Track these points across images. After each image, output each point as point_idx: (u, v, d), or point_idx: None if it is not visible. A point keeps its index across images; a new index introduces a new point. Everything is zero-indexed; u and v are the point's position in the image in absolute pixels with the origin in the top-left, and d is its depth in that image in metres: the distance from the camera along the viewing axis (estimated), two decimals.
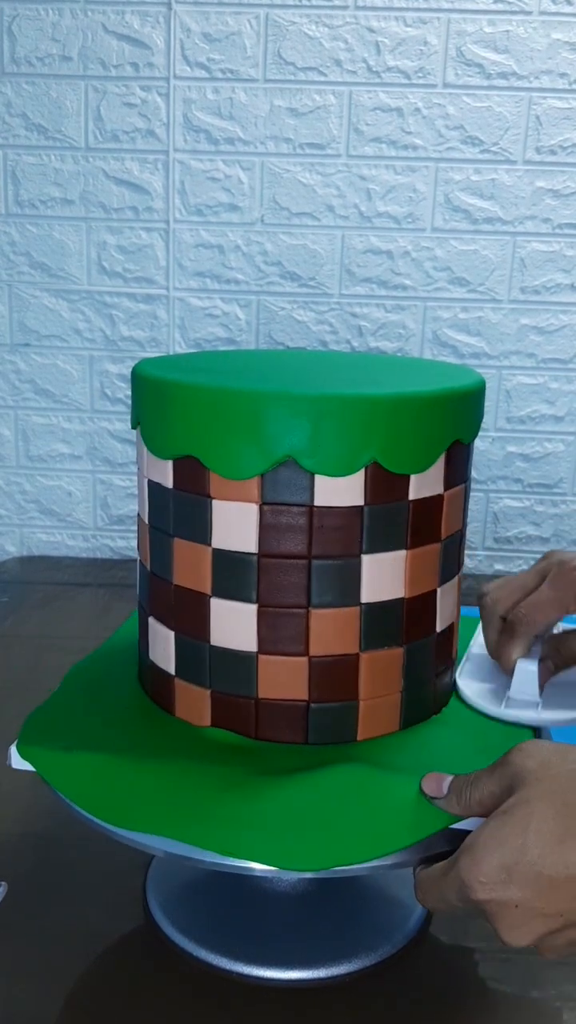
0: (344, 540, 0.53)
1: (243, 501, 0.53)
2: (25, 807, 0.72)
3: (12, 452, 1.28)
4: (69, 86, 1.15)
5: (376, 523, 0.53)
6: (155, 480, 0.57)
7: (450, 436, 0.55)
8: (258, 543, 0.53)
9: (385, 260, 1.20)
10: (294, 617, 0.54)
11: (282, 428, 0.50)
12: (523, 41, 1.12)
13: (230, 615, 0.55)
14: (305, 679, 0.55)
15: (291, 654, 0.55)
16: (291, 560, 0.53)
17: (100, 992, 0.57)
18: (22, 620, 1.10)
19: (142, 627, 0.62)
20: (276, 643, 0.54)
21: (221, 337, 1.23)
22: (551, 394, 1.23)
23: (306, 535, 0.53)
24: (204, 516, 0.54)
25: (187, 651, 0.57)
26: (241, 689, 0.56)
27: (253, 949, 0.59)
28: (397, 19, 1.12)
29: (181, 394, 0.53)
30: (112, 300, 1.22)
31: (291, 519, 0.53)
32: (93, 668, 0.66)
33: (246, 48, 1.14)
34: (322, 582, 0.53)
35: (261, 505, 0.52)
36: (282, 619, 0.54)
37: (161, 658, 0.59)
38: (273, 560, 0.53)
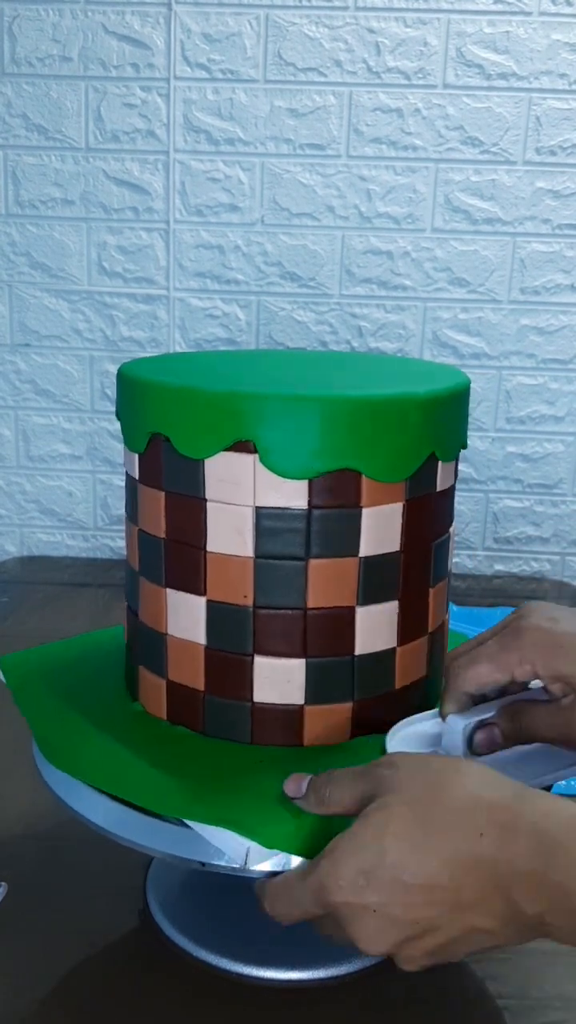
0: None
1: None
2: (26, 808, 0.72)
3: (12, 452, 1.28)
4: (69, 86, 1.15)
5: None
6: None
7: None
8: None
9: (385, 260, 1.20)
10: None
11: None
12: (523, 42, 1.12)
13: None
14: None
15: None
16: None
17: (100, 992, 0.57)
18: (22, 620, 1.10)
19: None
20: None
21: (221, 337, 1.23)
22: (551, 394, 1.23)
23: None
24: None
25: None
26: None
27: (253, 949, 0.59)
28: (397, 20, 1.12)
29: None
30: (112, 300, 1.22)
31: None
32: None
33: (246, 49, 1.14)
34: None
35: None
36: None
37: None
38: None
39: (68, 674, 0.63)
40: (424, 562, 0.56)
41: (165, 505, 0.55)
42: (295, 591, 0.53)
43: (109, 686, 0.62)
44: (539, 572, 1.30)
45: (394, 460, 0.53)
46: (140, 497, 0.57)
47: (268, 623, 0.54)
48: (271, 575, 0.53)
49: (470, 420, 1.25)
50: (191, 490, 0.53)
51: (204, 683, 0.56)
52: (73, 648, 0.68)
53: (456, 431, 0.56)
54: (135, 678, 0.60)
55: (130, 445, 0.57)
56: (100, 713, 0.59)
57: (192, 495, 0.53)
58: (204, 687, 0.56)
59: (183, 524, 0.54)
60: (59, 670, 0.64)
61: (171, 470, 0.54)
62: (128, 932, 0.61)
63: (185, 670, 0.56)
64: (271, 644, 0.54)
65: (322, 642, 0.54)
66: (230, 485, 0.52)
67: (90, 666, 0.65)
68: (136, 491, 0.57)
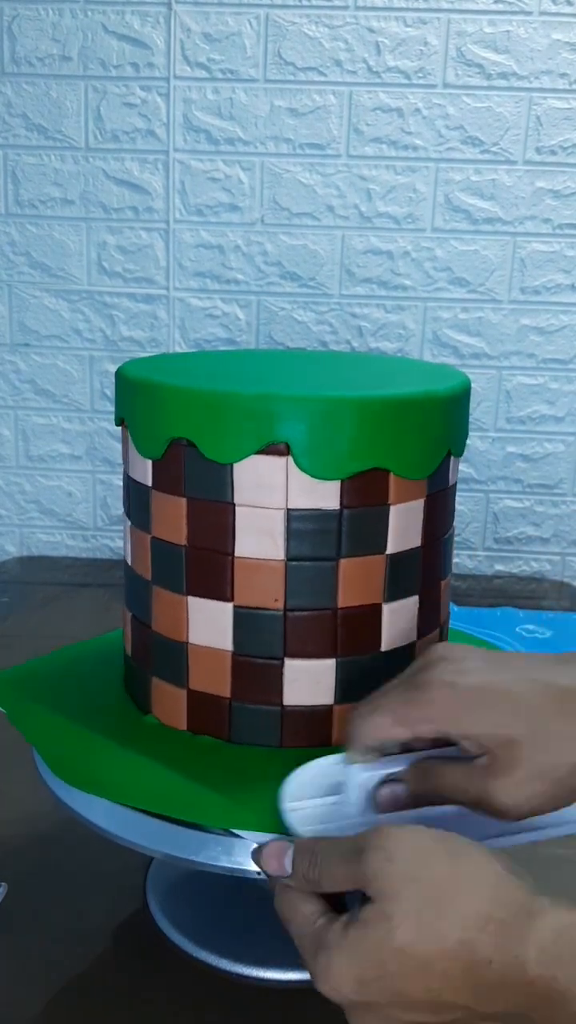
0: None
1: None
2: (25, 808, 0.72)
3: (12, 452, 1.28)
4: (69, 86, 1.15)
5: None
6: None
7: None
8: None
9: (385, 260, 1.20)
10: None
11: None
12: (523, 41, 1.12)
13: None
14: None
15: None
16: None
17: (100, 992, 0.57)
18: (22, 620, 1.10)
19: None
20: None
21: (221, 337, 1.23)
22: (551, 394, 1.23)
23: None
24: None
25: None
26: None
27: (253, 949, 0.59)
28: (397, 19, 1.12)
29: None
30: (112, 300, 1.22)
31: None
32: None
33: (246, 48, 1.14)
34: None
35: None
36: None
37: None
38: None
39: (63, 688, 0.62)
40: (438, 556, 0.58)
41: (187, 512, 0.54)
42: (326, 592, 0.53)
43: (110, 698, 0.61)
44: (539, 572, 1.30)
45: (419, 458, 0.54)
46: (155, 504, 0.55)
47: (299, 625, 0.54)
48: (302, 577, 0.53)
49: (470, 420, 1.25)
50: (218, 495, 0.52)
51: (230, 690, 0.55)
52: (61, 660, 0.66)
53: (465, 428, 0.58)
54: (147, 690, 0.59)
55: (144, 451, 0.55)
56: (114, 728, 0.57)
57: (219, 500, 0.52)
58: (230, 694, 0.55)
59: (208, 530, 0.53)
60: (53, 685, 0.62)
61: (195, 476, 0.53)
62: (128, 932, 0.61)
63: (209, 678, 0.55)
64: (302, 646, 0.54)
65: (352, 641, 0.55)
66: (261, 488, 0.52)
67: (84, 679, 0.64)
68: (149, 498, 0.56)
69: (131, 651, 0.61)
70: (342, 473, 0.51)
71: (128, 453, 0.57)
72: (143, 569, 0.57)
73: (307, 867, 0.42)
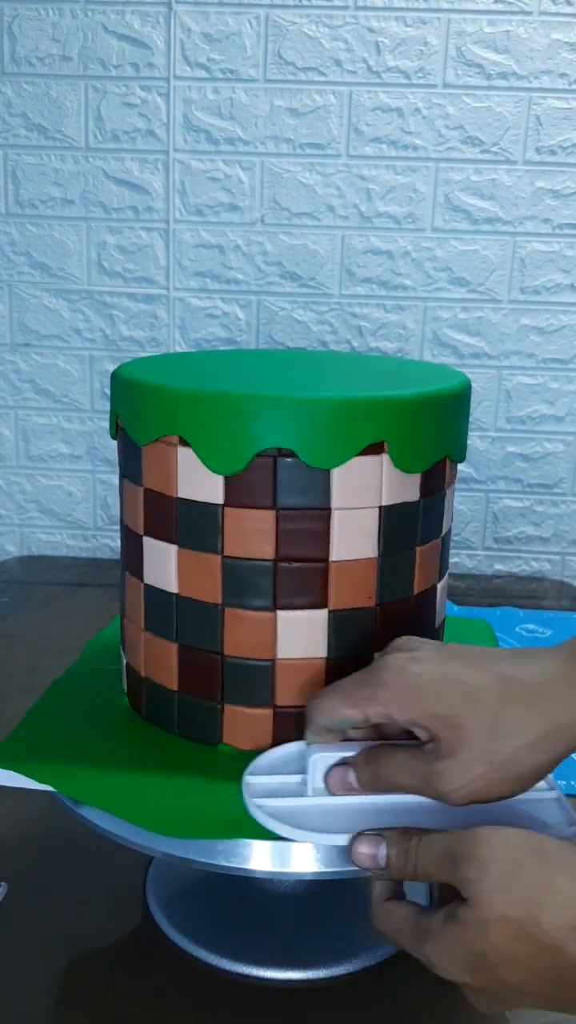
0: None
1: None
2: (25, 808, 0.72)
3: (12, 452, 1.28)
4: (69, 86, 1.15)
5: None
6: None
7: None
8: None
9: (385, 260, 1.20)
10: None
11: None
12: (523, 41, 1.12)
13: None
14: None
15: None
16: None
17: (100, 992, 0.57)
18: (22, 620, 1.10)
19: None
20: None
21: (221, 337, 1.23)
22: (551, 394, 1.23)
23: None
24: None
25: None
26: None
27: (253, 949, 0.59)
28: (397, 19, 1.12)
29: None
30: (112, 300, 1.22)
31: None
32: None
33: (246, 48, 1.14)
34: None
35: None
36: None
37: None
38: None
39: (88, 741, 0.58)
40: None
41: (277, 523, 0.53)
42: (407, 583, 0.56)
43: (152, 738, 0.58)
44: (539, 572, 1.30)
45: (464, 442, 0.59)
46: (228, 522, 0.53)
47: (388, 618, 0.55)
48: (391, 572, 0.54)
49: (470, 420, 1.25)
50: (314, 502, 0.52)
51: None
52: (55, 709, 0.62)
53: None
54: (215, 719, 0.56)
55: (218, 468, 0.52)
56: (194, 766, 0.55)
57: (315, 507, 0.52)
58: None
59: (302, 539, 0.53)
60: (75, 741, 0.58)
61: (289, 485, 0.52)
62: (128, 932, 0.61)
63: (300, 691, 0.55)
64: (388, 639, 0.54)
65: (422, 624, 0.58)
66: (358, 489, 0.52)
67: (98, 723, 0.60)
68: (219, 516, 0.53)
69: (179, 683, 0.57)
70: (427, 465, 0.54)
71: (176, 472, 0.54)
72: (207, 593, 0.55)
73: (402, 863, 0.45)
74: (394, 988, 0.57)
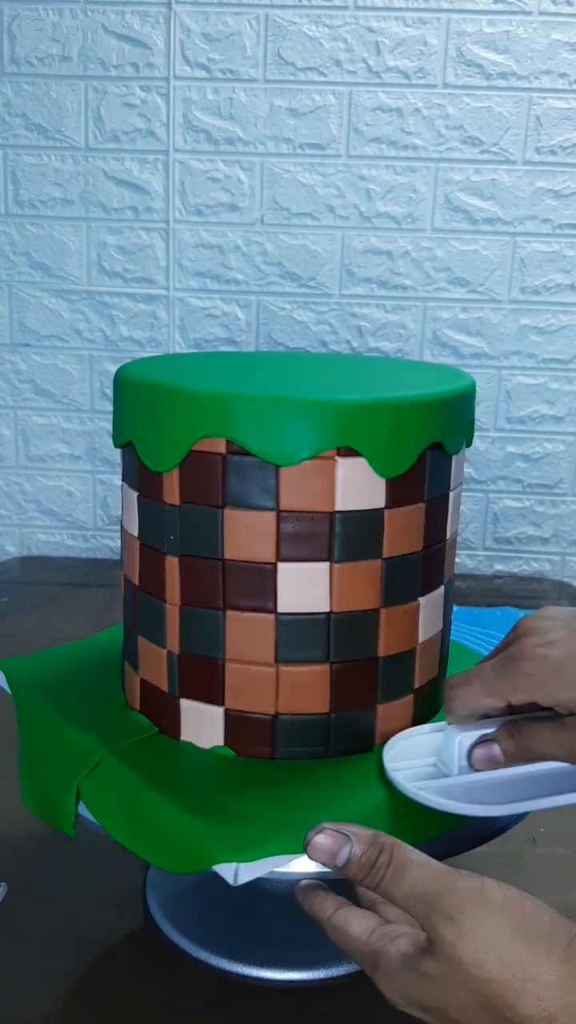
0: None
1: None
2: (26, 808, 0.72)
3: (12, 452, 1.28)
4: (69, 86, 1.15)
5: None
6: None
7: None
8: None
9: (385, 260, 1.20)
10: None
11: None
12: (523, 41, 1.12)
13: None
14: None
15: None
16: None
17: (100, 992, 0.57)
18: (22, 620, 1.10)
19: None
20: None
21: (221, 337, 1.23)
22: (551, 394, 1.23)
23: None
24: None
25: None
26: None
27: (253, 949, 0.59)
28: (397, 19, 1.12)
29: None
30: (112, 300, 1.22)
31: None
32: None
33: (246, 48, 1.14)
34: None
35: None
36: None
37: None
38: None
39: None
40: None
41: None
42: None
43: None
44: (539, 572, 1.30)
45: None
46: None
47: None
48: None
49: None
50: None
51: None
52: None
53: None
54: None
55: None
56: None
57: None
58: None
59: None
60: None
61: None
62: (128, 933, 0.61)
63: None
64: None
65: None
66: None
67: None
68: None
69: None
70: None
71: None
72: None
73: (364, 874, 0.43)
74: None
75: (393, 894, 0.42)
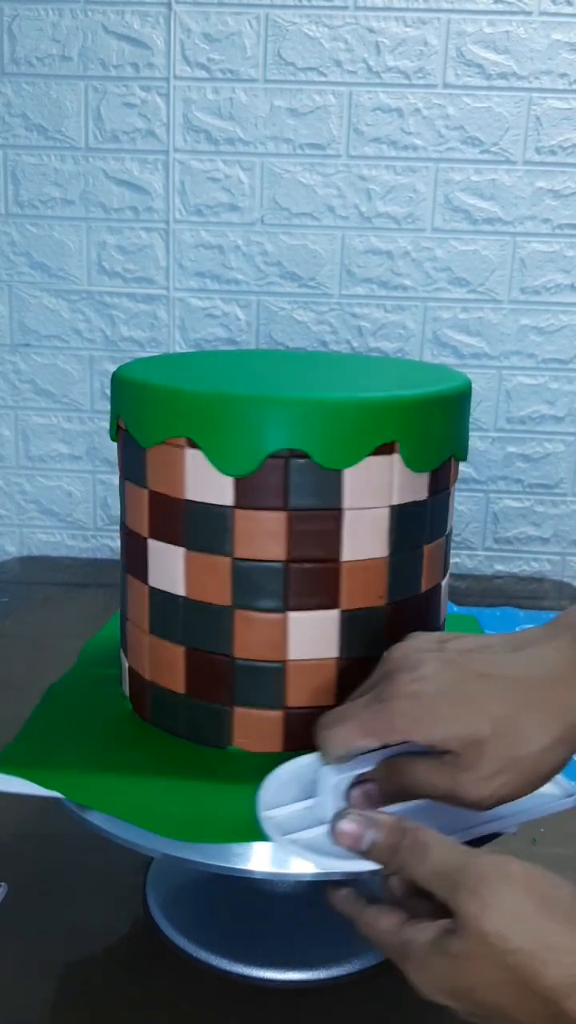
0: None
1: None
2: (25, 807, 0.72)
3: (12, 452, 1.28)
4: (69, 86, 1.15)
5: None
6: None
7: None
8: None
9: (385, 260, 1.20)
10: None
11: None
12: (523, 41, 1.12)
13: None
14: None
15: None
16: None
17: (100, 992, 0.57)
18: (22, 620, 1.10)
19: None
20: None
21: (221, 337, 1.23)
22: (551, 394, 1.23)
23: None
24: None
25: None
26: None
27: (253, 949, 0.59)
28: (397, 19, 1.12)
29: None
30: (112, 300, 1.22)
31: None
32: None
33: (246, 48, 1.14)
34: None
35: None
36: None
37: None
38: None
39: (92, 747, 0.57)
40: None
41: (289, 525, 0.52)
42: (416, 580, 0.56)
43: (156, 741, 0.58)
44: (539, 572, 1.30)
45: (466, 441, 0.59)
46: (238, 524, 0.53)
47: (398, 617, 0.55)
48: (402, 571, 0.55)
49: (471, 420, 1.25)
50: (326, 502, 0.52)
51: (336, 697, 0.55)
52: (54, 714, 0.61)
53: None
54: (223, 721, 0.56)
55: (228, 469, 0.52)
56: (202, 769, 0.54)
57: (326, 508, 0.52)
58: (335, 701, 0.54)
59: (314, 540, 0.53)
60: (77, 747, 0.57)
61: (302, 486, 0.52)
62: (128, 932, 0.61)
63: (312, 692, 0.55)
64: (401, 636, 0.53)
65: (430, 621, 0.58)
66: (370, 489, 0.52)
67: (102, 727, 0.60)
68: (228, 518, 0.53)
69: (187, 686, 0.57)
70: (435, 464, 0.55)
71: (185, 474, 0.53)
72: (216, 595, 0.54)
73: (389, 856, 0.44)
74: (394, 988, 0.57)
75: (417, 875, 0.43)
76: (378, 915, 0.45)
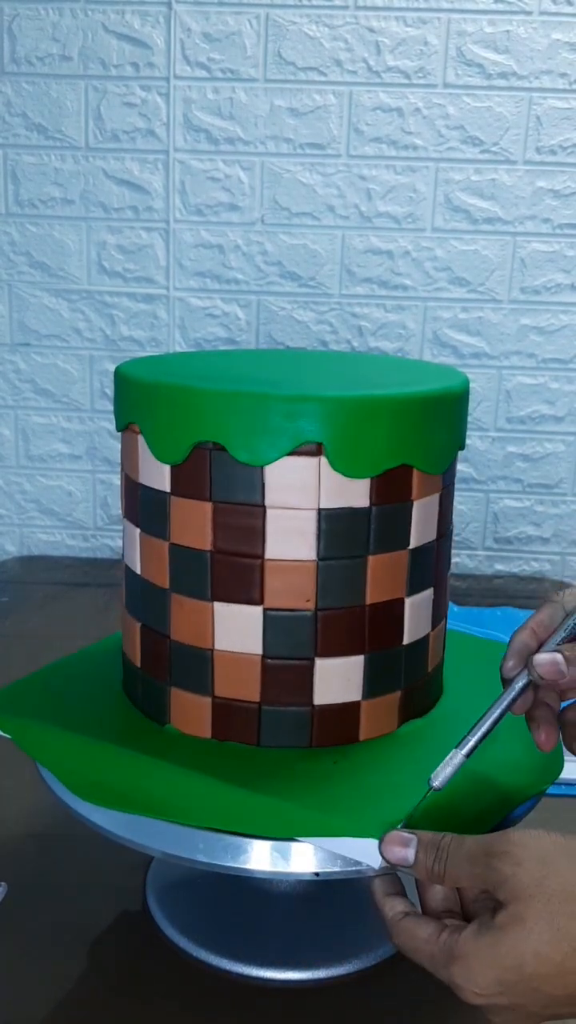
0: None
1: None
2: (25, 807, 0.72)
3: (12, 452, 1.28)
4: (69, 86, 1.15)
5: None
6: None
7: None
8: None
9: (385, 260, 1.20)
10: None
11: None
12: (523, 41, 1.12)
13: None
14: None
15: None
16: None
17: (100, 992, 0.57)
18: (22, 620, 1.10)
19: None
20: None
21: (221, 337, 1.23)
22: (551, 394, 1.23)
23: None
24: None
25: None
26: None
27: (253, 949, 0.59)
28: (397, 19, 1.12)
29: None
30: (112, 300, 1.22)
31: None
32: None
33: (246, 48, 1.14)
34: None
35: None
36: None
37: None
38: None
39: (64, 703, 0.60)
40: (447, 549, 0.60)
41: (213, 516, 0.53)
42: (356, 589, 0.54)
43: (116, 710, 0.60)
44: (539, 572, 1.30)
45: (439, 453, 0.55)
46: (174, 510, 0.54)
47: (331, 624, 0.54)
48: (334, 576, 0.53)
49: (470, 420, 1.25)
50: (247, 498, 0.52)
51: (260, 694, 0.55)
52: (55, 674, 0.64)
53: (466, 423, 0.60)
54: (163, 700, 0.57)
55: (162, 456, 0.54)
56: (133, 742, 0.55)
57: (248, 503, 0.52)
58: (260, 698, 0.54)
59: (236, 534, 0.53)
60: (52, 701, 0.60)
61: (223, 479, 0.52)
62: (128, 932, 0.61)
63: (237, 684, 0.55)
64: (333, 645, 0.54)
65: (379, 636, 0.55)
66: (293, 489, 0.52)
67: (84, 691, 0.62)
68: (166, 504, 0.54)
69: (140, 662, 0.59)
70: (375, 471, 0.52)
71: (138, 459, 0.56)
72: (158, 577, 0.56)
73: (432, 861, 0.45)
74: (394, 988, 0.57)
75: (458, 867, 0.44)
76: (417, 923, 0.45)
